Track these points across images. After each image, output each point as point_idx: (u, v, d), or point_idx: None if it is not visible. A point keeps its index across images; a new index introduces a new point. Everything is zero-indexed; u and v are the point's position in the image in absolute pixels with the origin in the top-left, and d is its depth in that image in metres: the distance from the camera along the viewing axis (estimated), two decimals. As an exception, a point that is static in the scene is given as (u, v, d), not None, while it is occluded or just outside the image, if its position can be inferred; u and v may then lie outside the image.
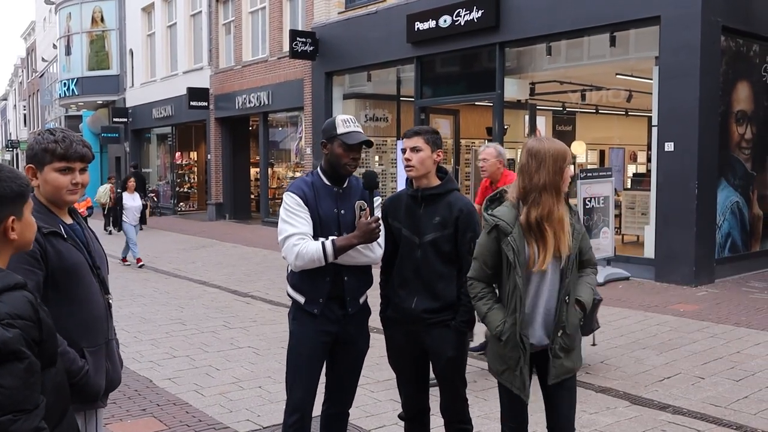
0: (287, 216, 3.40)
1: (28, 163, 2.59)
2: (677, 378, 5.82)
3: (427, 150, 3.50)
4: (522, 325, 3.02)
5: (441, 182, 3.57)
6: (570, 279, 3.07)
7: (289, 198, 3.43)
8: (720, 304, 8.62)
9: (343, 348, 3.55)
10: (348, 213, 3.49)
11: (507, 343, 3.05)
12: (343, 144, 3.42)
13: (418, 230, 3.51)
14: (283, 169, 20.65)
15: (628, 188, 14.42)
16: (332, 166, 3.48)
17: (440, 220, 3.48)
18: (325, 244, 3.31)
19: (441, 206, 3.51)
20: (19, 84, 58.47)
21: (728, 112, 10.44)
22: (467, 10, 12.62)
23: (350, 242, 3.35)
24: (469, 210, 3.52)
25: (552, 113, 16.46)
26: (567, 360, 3.09)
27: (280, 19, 18.78)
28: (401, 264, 3.57)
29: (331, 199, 3.47)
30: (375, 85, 16.43)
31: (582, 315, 3.13)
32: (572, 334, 3.10)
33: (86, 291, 2.60)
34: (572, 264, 3.07)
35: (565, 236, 3.01)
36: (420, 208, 3.54)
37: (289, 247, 3.34)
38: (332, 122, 3.49)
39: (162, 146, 27.67)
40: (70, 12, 29.27)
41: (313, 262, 3.32)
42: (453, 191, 3.57)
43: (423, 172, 3.51)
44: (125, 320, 8.18)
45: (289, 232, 3.36)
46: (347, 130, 3.44)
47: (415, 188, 3.56)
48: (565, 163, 3.03)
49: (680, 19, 9.76)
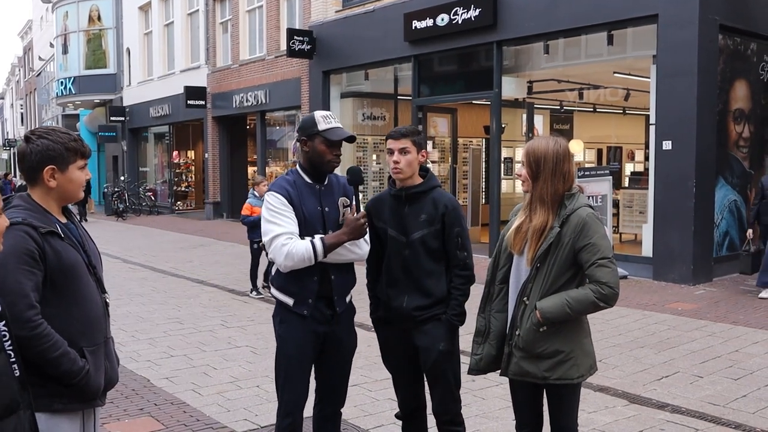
0: (272, 216, 3.34)
1: (46, 164, 2.53)
2: (676, 377, 5.81)
3: (414, 151, 3.48)
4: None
5: (423, 180, 3.55)
6: (534, 283, 3.03)
7: (272, 197, 3.37)
8: (718, 303, 8.62)
9: (331, 348, 3.52)
10: (332, 210, 3.46)
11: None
12: (325, 140, 3.37)
13: (405, 229, 3.51)
14: (281, 168, 20.61)
15: (626, 187, 14.43)
16: (313, 164, 3.43)
17: (426, 217, 3.48)
18: (314, 243, 3.27)
19: (426, 204, 3.50)
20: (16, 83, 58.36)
21: (726, 111, 10.44)
22: (464, 8, 12.60)
23: (339, 239, 3.32)
24: (454, 206, 3.53)
25: (550, 112, 16.46)
26: (527, 363, 3.04)
27: (277, 17, 18.75)
28: (389, 264, 3.56)
29: (314, 196, 3.43)
30: (372, 83, 16.41)
31: (538, 324, 2.99)
32: (529, 339, 3.02)
33: (84, 290, 2.59)
34: (545, 269, 3.01)
35: (534, 245, 3.02)
36: (405, 207, 3.53)
37: (278, 247, 3.28)
38: (311, 119, 3.43)
39: (159, 145, 27.64)
40: (67, 11, 29.21)
41: (303, 262, 3.27)
42: (436, 188, 3.56)
43: (410, 174, 3.50)
44: (123, 319, 8.16)
45: (276, 232, 3.30)
46: (329, 126, 3.39)
47: (398, 188, 3.54)
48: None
49: (678, 17, 9.76)
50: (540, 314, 2.97)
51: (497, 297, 3.19)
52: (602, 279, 2.91)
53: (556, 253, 2.98)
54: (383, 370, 3.95)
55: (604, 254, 2.93)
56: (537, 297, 3.01)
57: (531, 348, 3.02)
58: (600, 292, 2.91)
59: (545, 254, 2.99)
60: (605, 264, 2.92)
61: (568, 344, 3.02)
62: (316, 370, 3.59)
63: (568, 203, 3.01)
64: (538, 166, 3.03)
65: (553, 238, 2.97)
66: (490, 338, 3.18)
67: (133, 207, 25.40)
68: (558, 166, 3.01)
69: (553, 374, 3.01)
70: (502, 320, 3.17)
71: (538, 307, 2.98)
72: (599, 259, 2.92)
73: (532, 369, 3.04)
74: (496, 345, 3.16)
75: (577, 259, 2.97)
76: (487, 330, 3.19)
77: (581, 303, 2.94)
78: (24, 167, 2.57)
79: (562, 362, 3.01)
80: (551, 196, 3.01)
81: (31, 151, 2.53)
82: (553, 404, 3.15)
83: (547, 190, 3.01)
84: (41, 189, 2.57)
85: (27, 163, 2.55)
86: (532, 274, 3.03)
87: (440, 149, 16.18)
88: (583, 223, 2.96)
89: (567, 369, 3.01)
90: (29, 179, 2.58)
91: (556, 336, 3.00)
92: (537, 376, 3.04)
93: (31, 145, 2.54)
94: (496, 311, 3.18)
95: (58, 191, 2.58)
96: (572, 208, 2.99)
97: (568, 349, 3.02)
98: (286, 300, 3.44)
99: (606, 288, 2.91)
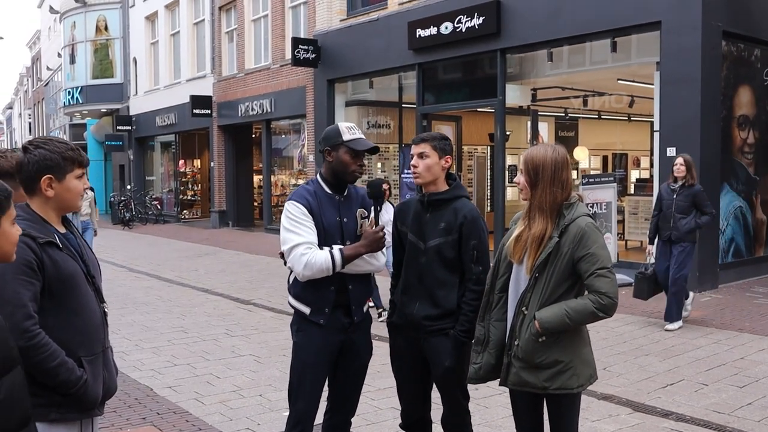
0: (292, 225, 3.36)
1: (43, 173, 2.54)
2: (680, 385, 5.79)
3: (435, 156, 3.48)
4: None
5: (449, 188, 3.53)
6: (532, 293, 3.02)
7: (293, 207, 3.39)
8: (724, 310, 8.58)
9: (347, 357, 3.54)
10: (350, 221, 3.48)
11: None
12: (350, 150, 3.40)
13: (423, 235, 3.50)
14: (286, 177, 20.67)
15: (632, 194, 14.40)
16: (336, 174, 3.46)
17: (445, 225, 3.46)
18: (333, 254, 3.30)
19: (447, 212, 3.48)
20: (24, 92, 58.69)
21: (730, 117, 10.42)
22: (468, 16, 12.63)
23: (357, 251, 3.35)
24: (473, 216, 3.48)
25: (554, 119, 16.46)
26: (526, 373, 3.03)
27: (282, 26, 18.82)
28: (406, 269, 3.57)
29: (333, 207, 3.46)
30: (377, 92, 16.45)
31: (537, 334, 2.97)
32: (528, 349, 3.00)
33: (83, 300, 2.60)
34: (544, 278, 3.00)
35: (533, 254, 3.02)
36: (427, 214, 3.52)
37: (297, 256, 3.30)
38: (336, 129, 3.47)
39: (166, 154, 27.73)
40: (74, 21, 29.42)
41: (322, 272, 3.30)
42: (461, 197, 3.54)
43: (430, 179, 3.49)
44: (127, 328, 8.17)
45: (295, 241, 3.32)
46: (353, 137, 3.43)
47: (423, 194, 3.55)
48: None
49: (681, 24, 9.75)
50: (539, 325, 2.95)
51: (496, 306, 3.18)
52: (601, 289, 2.90)
53: (555, 263, 2.97)
54: (387, 379, 3.95)
55: (604, 264, 2.91)
56: (536, 307, 2.99)
57: (530, 358, 3.01)
58: (599, 303, 2.90)
59: (544, 264, 2.98)
60: (604, 274, 2.90)
61: (567, 354, 3.01)
62: (330, 379, 3.60)
63: (566, 212, 3.00)
64: (537, 174, 3.02)
65: (552, 247, 2.96)
66: (490, 347, 3.17)
67: (140, 216, 25.47)
68: (556, 174, 3.01)
69: (553, 384, 3.00)
70: (502, 329, 3.16)
71: (537, 318, 2.96)
72: (598, 269, 2.91)
73: (531, 379, 3.02)
74: (495, 354, 3.15)
75: (576, 268, 2.96)
76: (486, 339, 3.18)
77: (580, 313, 2.93)
78: (22, 177, 2.58)
79: (561, 372, 2.99)
80: (550, 204, 3.01)
81: (28, 161, 2.54)
82: (553, 414, 3.13)
83: (545, 198, 3.01)
84: (39, 199, 2.58)
85: (25, 173, 2.56)
86: (531, 283, 3.02)
87: (451, 156, 16.14)
88: (582, 233, 2.94)
89: (566, 379, 3.00)
90: (27, 189, 2.59)
91: (555, 346, 2.99)
92: (536, 386, 3.03)
93: (29, 155, 2.54)
94: (496, 320, 3.18)
95: (56, 200, 2.59)
96: (571, 218, 2.98)
97: (568, 359, 3.00)
98: (303, 309, 3.46)
99: (605, 298, 2.89)
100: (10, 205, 2.13)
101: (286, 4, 18.77)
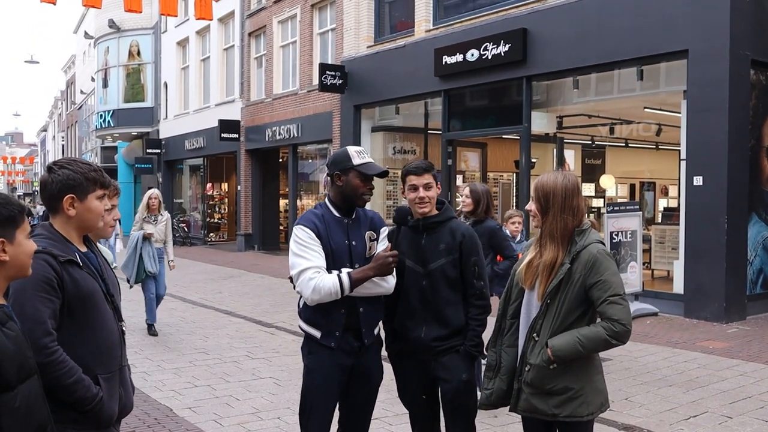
0: (299, 250, 3.39)
1: (66, 193, 2.60)
2: (704, 417, 5.68)
3: (435, 185, 3.58)
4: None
5: (439, 211, 3.62)
6: (544, 319, 3.02)
7: (300, 231, 3.43)
8: (751, 342, 8.42)
9: (358, 380, 3.54)
10: (359, 244, 3.50)
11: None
12: (360, 174, 3.44)
13: (423, 259, 3.54)
14: (312, 201, 20.78)
15: (659, 222, 14.25)
16: (346, 198, 3.50)
17: (445, 246, 3.53)
18: (341, 277, 3.32)
19: (443, 233, 3.56)
20: (59, 116, 59.90)
21: (759, 146, 10.30)
22: (494, 44, 12.69)
23: (366, 275, 3.36)
24: (470, 234, 3.59)
25: (581, 146, 16.38)
26: (536, 399, 3.01)
27: (310, 53, 19.06)
28: (407, 295, 3.58)
29: (341, 230, 3.48)
30: (403, 118, 16.54)
31: (549, 362, 2.96)
32: (539, 376, 2.99)
33: (101, 318, 2.64)
34: (555, 305, 2.99)
35: (545, 281, 3.02)
36: (422, 238, 3.57)
37: (305, 281, 3.33)
38: (345, 153, 3.51)
39: (194, 177, 28.07)
40: (108, 46, 30.07)
41: (330, 296, 3.32)
42: (453, 218, 3.64)
43: (432, 207, 3.59)
44: (150, 348, 8.24)
45: (303, 266, 3.35)
46: (363, 161, 3.48)
47: (415, 219, 3.59)
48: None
49: (708, 53, 9.71)
50: (551, 352, 2.94)
51: (508, 332, 3.18)
52: (614, 316, 2.88)
53: (567, 290, 2.96)
54: (404, 404, 3.93)
55: (616, 291, 2.90)
56: (547, 334, 2.99)
57: (541, 384, 2.99)
58: (612, 330, 2.88)
59: (556, 290, 2.98)
60: (617, 301, 2.89)
61: (578, 381, 2.99)
62: (341, 401, 3.61)
63: (578, 239, 3.00)
64: (547, 201, 3.03)
65: (564, 274, 2.96)
66: (501, 373, 3.16)
67: (168, 238, 25.68)
68: (567, 201, 3.01)
69: (563, 411, 2.98)
70: (513, 355, 3.15)
71: (550, 345, 2.95)
72: (611, 296, 2.89)
73: (541, 406, 3.01)
74: (506, 380, 3.14)
75: (588, 295, 2.95)
76: (498, 365, 3.18)
77: (593, 341, 2.91)
78: (45, 196, 2.66)
79: (571, 399, 2.97)
80: (561, 231, 3.01)
81: (52, 181, 2.62)
82: None
83: (556, 225, 3.01)
84: (61, 218, 2.64)
85: (48, 192, 2.63)
86: (543, 310, 3.01)
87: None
88: (593, 259, 2.94)
89: (576, 406, 2.98)
90: (50, 208, 2.66)
91: (566, 373, 2.97)
92: (546, 413, 3.01)
93: (53, 175, 2.62)
94: (507, 346, 3.17)
95: (77, 220, 2.65)
96: (583, 245, 2.98)
97: (578, 386, 2.98)
98: (314, 332, 3.48)
99: (618, 325, 2.88)
100: (24, 220, 2.20)
101: (314, 30, 19.02)
